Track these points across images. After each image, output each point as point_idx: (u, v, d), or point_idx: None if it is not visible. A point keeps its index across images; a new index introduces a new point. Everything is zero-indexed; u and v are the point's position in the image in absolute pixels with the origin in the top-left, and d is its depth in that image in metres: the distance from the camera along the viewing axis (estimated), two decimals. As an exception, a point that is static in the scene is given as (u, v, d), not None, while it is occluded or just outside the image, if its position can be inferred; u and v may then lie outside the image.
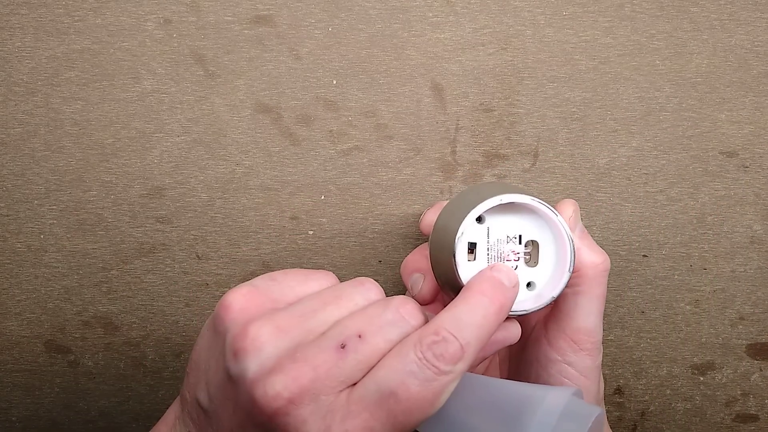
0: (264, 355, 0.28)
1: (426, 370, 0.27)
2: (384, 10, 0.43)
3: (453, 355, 0.28)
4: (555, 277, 0.35)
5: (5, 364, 0.48)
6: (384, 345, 0.29)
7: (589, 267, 0.35)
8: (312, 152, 0.45)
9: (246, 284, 0.31)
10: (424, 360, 0.27)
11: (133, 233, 0.46)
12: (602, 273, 0.36)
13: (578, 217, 0.37)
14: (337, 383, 0.28)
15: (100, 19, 0.43)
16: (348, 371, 0.28)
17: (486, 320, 0.29)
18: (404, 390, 0.27)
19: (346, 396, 0.28)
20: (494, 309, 0.30)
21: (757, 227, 0.46)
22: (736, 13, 0.43)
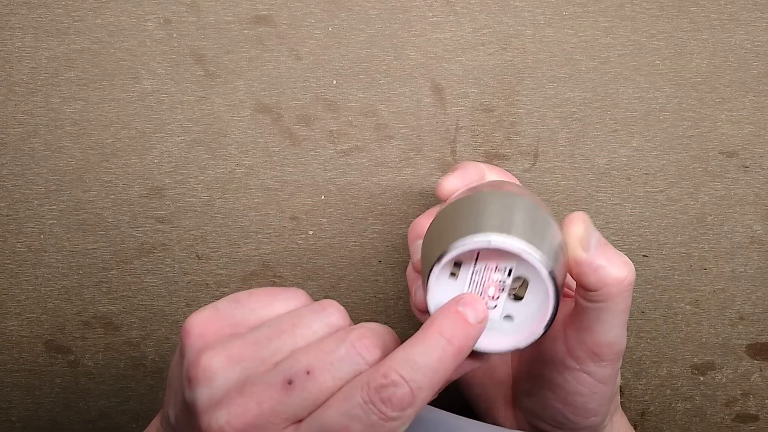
0: (214, 386, 0.28)
1: (371, 415, 0.26)
2: (384, 10, 0.43)
3: (401, 400, 0.26)
4: (535, 321, 0.31)
5: (5, 364, 0.48)
6: (332, 383, 0.28)
7: (613, 284, 0.32)
8: (312, 152, 0.45)
9: (209, 307, 0.31)
10: (371, 404, 0.26)
11: (133, 233, 0.46)
12: (627, 288, 0.33)
13: (590, 232, 0.33)
14: (281, 420, 0.28)
15: (100, 19, 0.43)
16: (293, 408, 0.27)
17: (442, 363, 0.27)
18: None
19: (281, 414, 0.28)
20: (452, 351, 0.28)
21: (757, 227, 0.46)
22: (736, 13, 0.43)
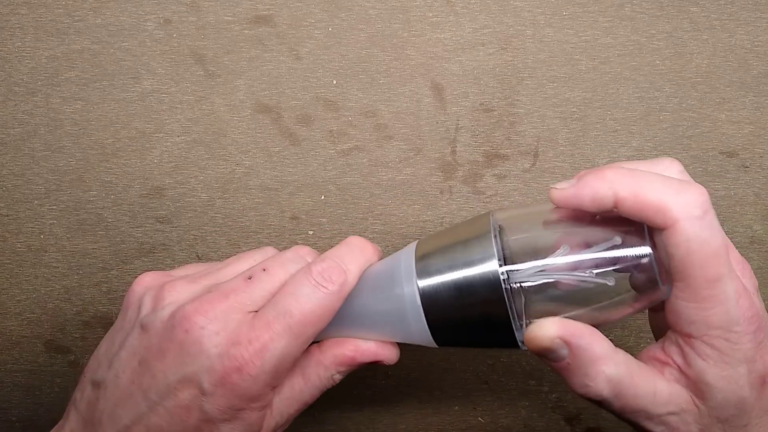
0: (181, 296, 0.34)
1: (316, 290, 0.33)
2: (384, 10, 0.43)
3: (338, 276, 0.34)
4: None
5: (5, 364, 0.48)
6: (284, 275, 0.35)
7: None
8: (312, 152, 0.45)
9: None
10: (315, 282, 0.34)
11: (133, 233, 0.46)
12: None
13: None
14: (245, 306, 0.34)
15: (100, 19, 0.43)
16: (254, 297, 0.34)
17: (363, 254, 0.35)
18: (298, 307, 0.33)
19: (252, 316, 0.33)
20: (362, 246, 0.36)
21: (757, 227, 0.46)
22: (736, 13, 0.43)
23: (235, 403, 0.33)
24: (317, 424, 0.50)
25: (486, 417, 0.49)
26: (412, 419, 0.50)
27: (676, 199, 0.29)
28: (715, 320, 0.30)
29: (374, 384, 0.49)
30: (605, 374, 0.31)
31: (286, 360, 0.33)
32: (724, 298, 0.30)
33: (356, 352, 0.35)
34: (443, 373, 0.49)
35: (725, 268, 0.30)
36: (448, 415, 0.49)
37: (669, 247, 0.29)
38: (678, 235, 0.29)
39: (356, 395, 0.49)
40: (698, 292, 0.30)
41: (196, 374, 0.32)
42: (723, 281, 0.29)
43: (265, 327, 0.33)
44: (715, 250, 0.29)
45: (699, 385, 0.31)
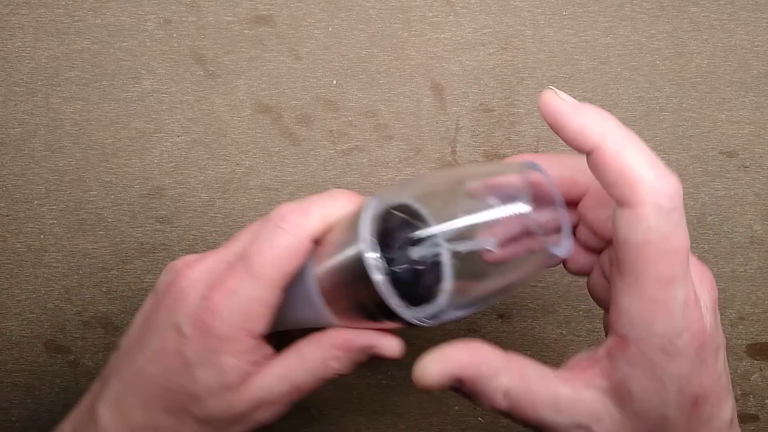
0: (187, 259, 0.37)
1: (273, 232, 0.34)
2: (384, 10, 0.43)
3: (296, 216, 0.34)
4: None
5: (5, 364, 0.48)
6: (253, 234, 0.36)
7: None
8: (312, 152, 0.45)
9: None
10: (273, 225, 0.34)
11: (133, 233, 0.46)
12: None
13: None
14: (227, 257, 0.35)
15: (100, 19, 0.43)
16: (236, 249, 0.35)
17: (331, 200, 0.35)
18: (255, 249, 0.34)
19: (225, 266, 0.35)
20: (318, 200, 0.35)
21: (757, 227, 0.46)
22: (736, 13, 0.43)
23: (209, 344, 0.33)
24: (317, 424, 0.50)
25: (486, 417, 0.49)
26: (412, 419, 0.50)
27: (653, 180, 0.27)
28: (657, 327, 0.27)
29: (374, 384, 0.49)
30: (500, 390, 0.30)
31: (253, 302, 0.34)
32: (672, 305, 0.27)
33: (353, 335, 0.34)
34: (443, 373, 0.49)
35: (680, 271, 0.27)
36: (448, 415, 0.49)
37: (626, 230, 0.27)
38: (637, 220, 0.27)
39: (356, 395, 0.49)
40: (646, 292, 0.27)
41: (180, 319, 0.34)
42: (675, 285, 0.27)
43: (230, 272, 0.34)
44: (674, 249, 0.27)
45: (621, 391, 0.29)
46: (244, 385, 0.35)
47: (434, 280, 0.32)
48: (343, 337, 0.35)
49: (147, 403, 0.35)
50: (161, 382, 0.35)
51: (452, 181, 0.32)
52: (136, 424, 0.35)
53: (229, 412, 0.34)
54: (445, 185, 0.32)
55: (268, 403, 0.35)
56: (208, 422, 0.35)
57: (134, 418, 0.35)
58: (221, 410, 0.34)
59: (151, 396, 0.35)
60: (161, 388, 0.35)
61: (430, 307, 0.32)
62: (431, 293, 0.32)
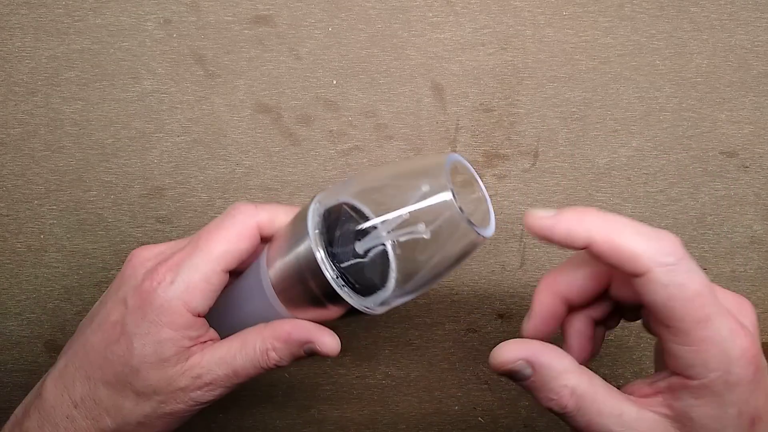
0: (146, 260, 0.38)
1: (225, 217, 0.36)
2: (384, 10, 0.43)
3: (249, 208, 0.36)
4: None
5: (5, 364, 0.48)
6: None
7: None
8: (312, 152, 0.45)
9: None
10: (226, 213, 0.36)
11: (133, 233, 0.46)
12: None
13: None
14: (180, 243, 0.37)
15: (100, 19, 0.43)
16: (184, 242, 0.37)
17: (276, 206, 0.37)
18: (206, 231, 0.36)
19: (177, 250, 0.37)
20: (292, 207, 0.37)
21: (757, 227, 0.46)
22: (736, 13, 0.43)
23: (148, 315, 0.35)
24: (317, 423, 0.50)
25: (486, 417, 0.49)
26: (412, 419, 0.50)
27: (648, 246, 0.30)
28: (714, 362, 0.30)
29: (374, 384, 0.49)
30: (568, 387, 0.32)
31: (195, 275, 0.35)
32: (719, 339, 0.29)
33: (293, 328, 0.36)
34: (443, 373, 0.49)
35: (712, 307, 0.30)
36: (448, 415, 0.49)
37: (648, 295, 0.30)
38: (653, 283, 0.30)
39: (356, 395, 0.49)
40: (690, 335, 0.30)
41: (126, 292, 0.36)
42: (713, 320, 0.29)
43: (180, 251, 0.36)
44: (695, 292, 0.29)
45: (683, 418, 0.31)
46: (183, 361, 0.35)
47: (378, 270, 0.34)
48: (284, 328, 0.36)
49: (88, 374, 0.36)
50: (101, 352, 0.36)
51: (386, 176, 0.34)
52: (78, 395, 0.36)
53: (168, 387, 0.35)
54: (380, 181, 0.34)
55: (207, 383, 0.36)
56: (146, 395, 0.35)
57: (76, 390, 0.36)
58: (159, 383, 0.35)
59: (92, 367, 0.36)
60: (101, 358, 0.36)
61: (378, 295, 0.34)
62: (376, 283, 0.34)
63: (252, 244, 0.36)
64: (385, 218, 0.33)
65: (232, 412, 0.50)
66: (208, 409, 0.38)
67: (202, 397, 0.36)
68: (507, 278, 0.47)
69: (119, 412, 0.36)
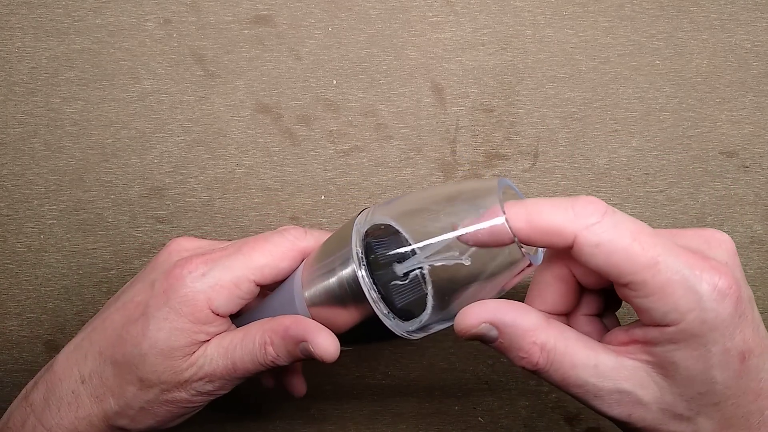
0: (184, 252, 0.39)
1: (273, 235, 0.37)
2: (384, 10, 0.43)
3: (299, 232, 0.37)
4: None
5: (5, 364, 0.48)
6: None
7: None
8: (312, 152, 0.45)
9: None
10: (275, 231, 0.38)
11: (133, 233, 0.46)
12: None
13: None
14: (220, 243, 0.39)
15: (100, 19, 0.43)
16: (226, 243, 0.39)
17: (322, 233, 0.38)
18: (252, 239, 0.37)
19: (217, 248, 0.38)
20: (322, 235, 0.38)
21: (757, 227, 0.46)
22: (736, 13, 0.43)
23: (171, 302, 0.35)
24: (317, 423, 0.50)
25: (486, 417, 0.49)
26: (412, 419, 0.50)
27: (566, 215, 0.29)
28: (683, 303, 0.28)
29: (374, 384, 0.49)
30: (537, 344, 0.31)
31: (227, 275, 0.35)
32: (680, 278, 0.28)
33: (291, 323, 0.35)
34: (443, 373, 0.49)
35: (656, 248, 0.28)
36: (448, 415, 0.49)
37: (589, 262, 0.29)
38: (585, 248, 0.28)
39: (356, 395, 0.49)
40: (647, 284, 0.28)
41: (156, 276, 0.36)
42: (664, 262, 0.28)
43: (221, 249, 0.36)
44: (631, 240, 0.28)
45: (664, 362, 0.29)
46: (189, 355, 0.35)
47: (418, 295, 0.33)
48: (283, 323, 0.35)
49: (101, 350, 0.36)
50: (118, 330, 0.36)
51: (431, 200, 0.33)
52: (86, 369, 0.36)
53: (173, 378, 0.35)
54: (425, 204, 0.33)
55: (207, 373, 0.35)
56: (150, 384, 0.35)
57: (86, 364, 0.36)
58: (164, 373, 0.35)
59: (106, 344, 0.36)
60: (116, 335, 0.36)
61: (416, 320, 0.33)
62: (415, 309, 0.33)
63: (291, 266, 0.36)
64: (429, 242, 0.32)
65: (231, 412, 0.50)
66: (208, 409, 0.38)
67: (203, 387, 0.36)
68: (507, 278, 0.47)
69: (123, 395, 0.36)
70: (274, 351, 0.35)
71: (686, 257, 0.28)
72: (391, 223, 0.33)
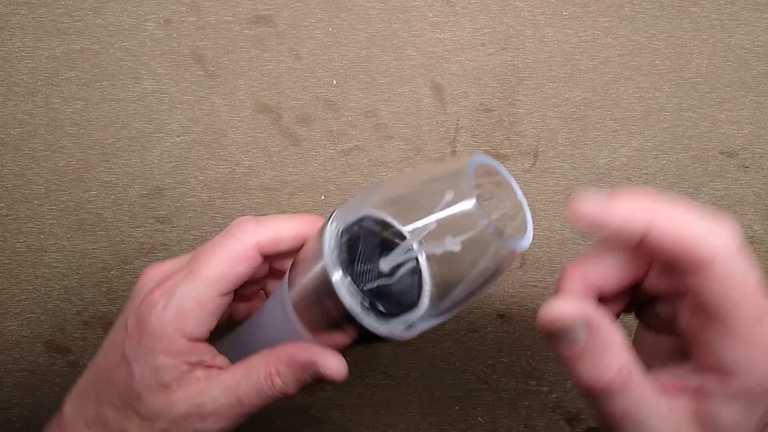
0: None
1: (223, 238, 0.35)
2: (384, 10, 0.43)
3: (249, 226, 0.35)
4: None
5: (5, 364, 0.48)
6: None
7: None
8: (312, 152, 0.45)
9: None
10: (226, 232, 0.36)
11: (133, 233, 0.46)
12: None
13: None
14: (181, 264, 0.37)
15: (100, 19, 0.43)
16: (188, 258, 0.37)
17: (281, 219, 0.36)
18: (203, 252, 0.35)
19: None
20: (290, 219, 0.36)
21: (757, 227, 0.46)
22: (736, 13, 0.43)
23: (144, 342, 0.34)
24: (317, 423, 0.50)
25: (486, 417, 0.49)
26: (412, 419, 0.49)
27: (713, 232, 0.26)
28: (760, 364, 0.27)
29: (374, 384, 0.49)
30: (619, 363, 0.28)
31: (188, 301, 0.34)
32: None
33: (296, 351, 0.34)
34: (443, 373, 0.49)
35: (766, 304, 0.27)
36: (448, 415, 0.49)
37: (705, 285, 0.27)
38: (717, 272, 0.26)
39: (356, 395, 0.49)
40: (741, 332, 0.26)
41: (127, 315, 0.36)
42: (766, 319, 0.26)
43: (176, 273, 0.35)
44: (755, 285, 0.26)
45: (706, 421, 0.28)
46: (185, 387, 0.34)
47: (406, 290, 0.31)
48: (287, 351, 0.34)
49: (98, 396, 0.36)
50: (106, 374, 0.35)
51: (406, 185, 0.31)
52: (89, 416, 0.36)
53: (171, 413, 0.34)
54: (399, 191, 0.32)
55: (210, 413, 0.34)
56: (150, 420, 0.35)
57: (88, 410, 0.36)
58: (161, 409, 0.34)
59: (100, 389, 0.36)
60: (107, 380, 0.35)
61: (406, 316, 0.31)
62: (405, 305, 0.31)
63: (250, 266, 0.35)
64: (412, 227, 0.30)
65: (232, 412, 0.50)
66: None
67: (206, 428, 0.34)
68: (507, 278, 0.47)
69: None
70: (281, 380, 0.34)
71: None
72: (372, 214, 0.31)
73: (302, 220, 0.36)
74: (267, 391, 0.34)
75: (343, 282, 0.30)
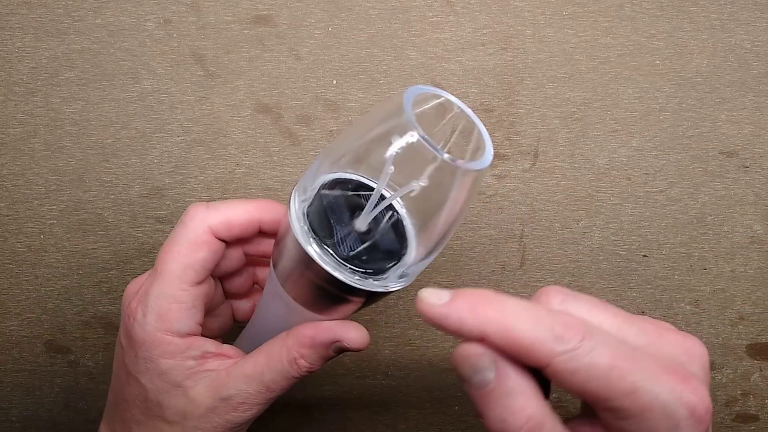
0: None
1: (176, 229, 0.36)
2: (384, 10, 0.43)
3: (199, 211, 0.36)
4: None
5: (5, 364, 0.48)
6: None
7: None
8: (312, 152, 0.45)
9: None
10: (179, 222, 0.36)
11: (133, 233, 0.46)
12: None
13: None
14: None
15: (100, 19, 0.43)
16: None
17: (232, 203, 0.37)
18: (163, 250, 0.35)
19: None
20: (255, 202, 0.37)
21: (757, 227, 0.46)
22: (736, 13, 0.43)
23: (139, 353, 0.35)
24: (317, 423, 0.50)
25: (486, 417, 0.49)
26: (412, 419, 0.49)
27: (543, 337, 0.26)
28: (662, 427, 0.26)
29: (374, 384, 0.49)
30: (527, 412, 0.27)
31: (162, 301, 0.34)
32: (660, 404, 0.26)
33: (316, 331, 0.34)
34: (443, 373, 0.49)
35: (635, 375, 0.26)
36: (448, 415, 0.49)
37: (560, 383, 0.26)
38: (560, 373, 0.26)
39: (356, 395, 0.49)
40: (626, 409, 0.26)
41: (120, 333, 0.36)
42: (643, 387, 0.26)
43: (147, 280, 0.36)
44: (608, 368, 0.26)
45: None
46: (202, 382, 0.35)
47: (389, 241, 0.31)
48: (306, 334, 0.34)
49: (121, 416, 0.36)
50: (122, 396, 0.36)
51: (357, 137, 0.31)
52: None
53: (196, 409, 0.35)
54: (352, 144, 0.31)
55: (240, 403, 0.35)
56: (177, 422, 0.35)
57: (117, 431, 0.37)
58: (185, 408, 0.35)
59: (122, 411, 0.36)
60: (124, 401, 0.36)
61: (397, 267, 0.31)
62: (393, 256, 0.31)
63: (211, 249, 0.35)
64: (372, 179, 0.29)
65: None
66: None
67: (238, 417, 0.35)
68: (507, 278, 0.47)
69: None
70: (307, 362, 0.34)
71: (665, 380, 0.27)
72: (331, 177, 0.31)
73: (254, 205, 0.36)
74: (293, 373, 0.35)
75: (326, 255, 0.30)
